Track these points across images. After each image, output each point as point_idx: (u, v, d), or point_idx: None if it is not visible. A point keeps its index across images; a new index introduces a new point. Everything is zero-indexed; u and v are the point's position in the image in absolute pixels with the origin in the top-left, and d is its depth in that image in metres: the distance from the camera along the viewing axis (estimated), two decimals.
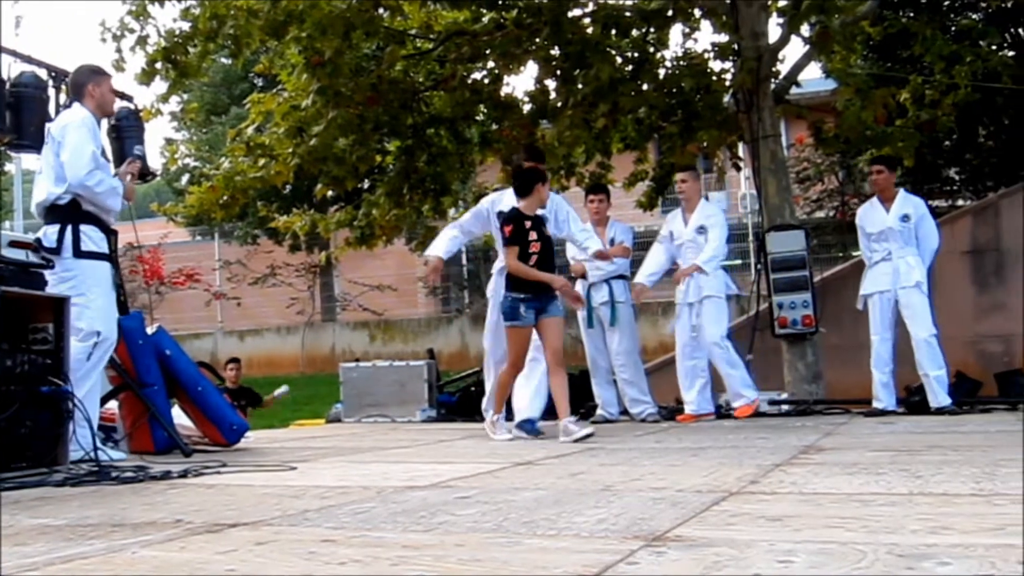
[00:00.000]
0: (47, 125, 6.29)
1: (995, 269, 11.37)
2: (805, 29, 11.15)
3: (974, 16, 14.45)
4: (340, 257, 14.40)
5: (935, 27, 12.31)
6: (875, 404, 8.54)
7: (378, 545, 2.87)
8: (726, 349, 8.66)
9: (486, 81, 11.85)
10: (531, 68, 11.63)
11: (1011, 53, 14.35)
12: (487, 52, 11.28)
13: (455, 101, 11.74)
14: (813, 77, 14.23)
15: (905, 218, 8.60)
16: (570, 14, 10.87)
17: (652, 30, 11.66)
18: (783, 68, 11.26)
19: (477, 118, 12.62)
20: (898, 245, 8.56)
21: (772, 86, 10.81)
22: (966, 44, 12.37)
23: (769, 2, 11.22)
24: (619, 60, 11.35)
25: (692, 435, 6.97)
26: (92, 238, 5.97)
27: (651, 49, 11.92)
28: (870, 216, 8.83)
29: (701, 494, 3.76)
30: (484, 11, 11.39)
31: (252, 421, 11.03)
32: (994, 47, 13.20)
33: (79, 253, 5.89)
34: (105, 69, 6.41)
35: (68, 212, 5.89)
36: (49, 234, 5.88)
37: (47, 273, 5.66)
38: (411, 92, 11.80)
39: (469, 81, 11.75)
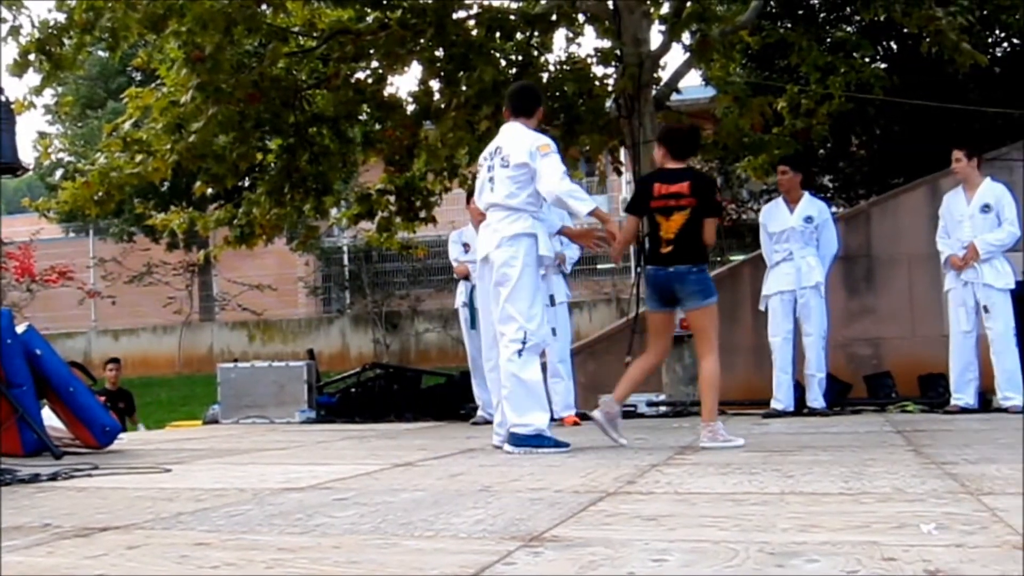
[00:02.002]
0: None
1: (865, 274, 11.68)
2: (686, 37, 11.34)
3: (848, 29, 14.82)
4: (219, 256, 14.19)
5: (811, 38, 12.61)
6: (774, 405, 8.70)
7: (253, 548, 2.84)
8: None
9: (369, 81, 11.78)
10: (415, 69, 11.60)
11: (883, 65, 14.76)
12: (371, 52, 11.21)
13: (338, 100, 11.65)
14: (693, 84, 14.45)
15: (808, 219, 8.81)
16: (455, 16, 10.87)
17: (536, 34, 11.72)
18: (664, 75, 11.42)
19: (360, 118, 12.54)
20: (799, 246, 8.76)
21: (653, 92, 10.96)
22: (840, 55, 12.70)
23: (651, 10, 11.37)
24: (503, 63, 11.39)
25: (571, 436, 7.01)
26: None
27: (535, 53, 11.98)
28: (774, 215, 9.00)
29: (578, 494, 3.80)
30: (368, 10, 11.32)
31: (128, 423, 10.85)
32: (867, 59, 13.56)
33: None
34: None
35: None
36: None
37: None
38: (293, 90, 11.67)
39: (352, 80, 11.67)
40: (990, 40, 15.05)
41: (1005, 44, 15.83)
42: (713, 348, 6.02)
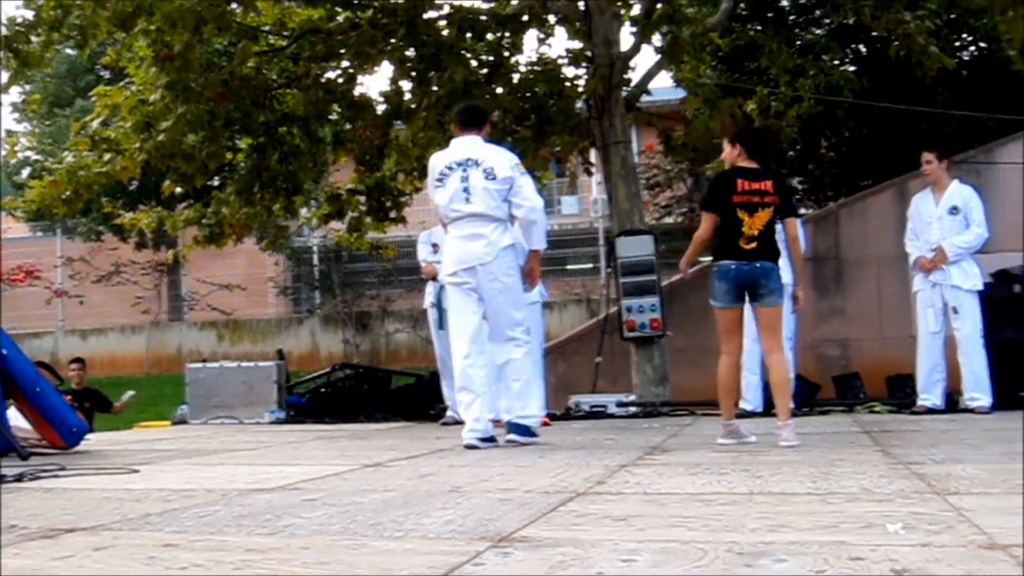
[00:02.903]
0: None
1: (834, 276, 11.75)
2: (656, 39, 11.37)
3: (818, 31, 14.91)
4: (188, 255, 14.11)
5: (781, 41, 12.69)
6: (743, 406, 8.72)
7: (221, 549, 2.83)
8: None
9: (340, 80, 11.74)
10: (386, 68, 11.56)
11: (852, 68, 14.86)
12: (341, 51, 11.18)
13: (308, 100, 11.60)
14: (663, 86, 14.50)
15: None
16: (426, 16, 10.86)
17: (507, 34, 11.72)
18: (634, 76, 11.46)
19: (330, 117, 12.49)
20: None
21: (623, 93, 10.98)
22: (810, 58, 12.79)
23: (622, 11, 11.40)
24: (474, 63, 11.38)
25: (541, 437, 7.02)
26: None
27: (506, 53, 11.98)
28: None
29: (548, 495, 3.80)
30: (339, 10, 11.28)
31: (96, 423, 10.75)
32: (836, 62, 13.65)
33: None
34: None
35: None
36: None
37: None
38: (263, 89, 11.62)
39: (323, 80, 11.63)
40: (957, 44, 15.17)
41: (972, 48, 15.96)
42: (782, 345, 6.23)
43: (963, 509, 3.18)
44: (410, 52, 11.06)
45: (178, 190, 12.41)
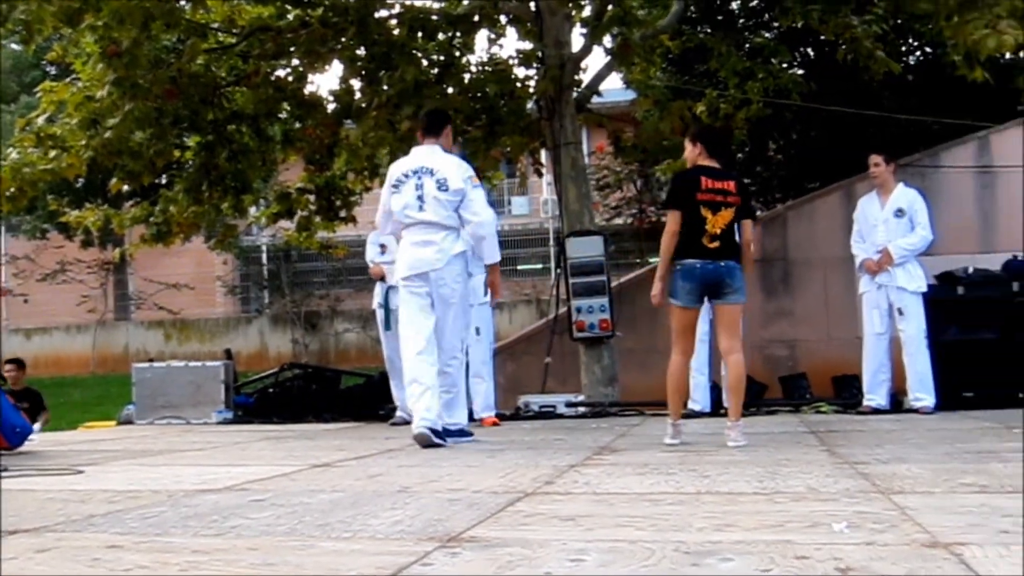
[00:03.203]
0: None
1: (782, 277, 11.85)
2: (607, 40, 11.40)
3: (767, 35, 15.00)
4: (135, 254, 13.99)
5: (730, 44, 12.76)
6: (691, 406, 8.77)
7: (167, 550, 2.80)
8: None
9: (290, 79, 11.68)
10: (336, 67, 11.53)
11: (800, 71, 14.98)
12: (291, 49, 11.12)
13: (258, 98, 11.53)
14: (614, 87, 14.53)
15: None
16: (377, 15, 10.82)
17: (458, 34, 11.71)
18: (585, 77, 11.48)
19: (280, 116, 12.42)
20: None
21: (574, 95, 11.01)
22: (759, 61, 12.87)
23: (573, 13, 11.42)
24: (425, 63, 11.36)
25: (490, 437, 7.04)
26: None
27: (457, 53, 11.97)
28: None
29: (497, 495, 3.80)
30: (289, 8, 11.22)
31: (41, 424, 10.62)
32: (784, 65, 13.75)
33: None
34: None
35: None
36: None
37: None
38: (212, 87, 11.53)
39: (272, 78, 11.56)
40: (904, 49, 15.35)
41: (918, 53, 16.15)
42: (740, 345, 6.15)
43: (907, 508, 3.22)
44: (361, 51, 11.02)
45: (125, 188, 12.27)
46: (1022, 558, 2.42)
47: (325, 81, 51.35)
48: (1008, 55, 10.54)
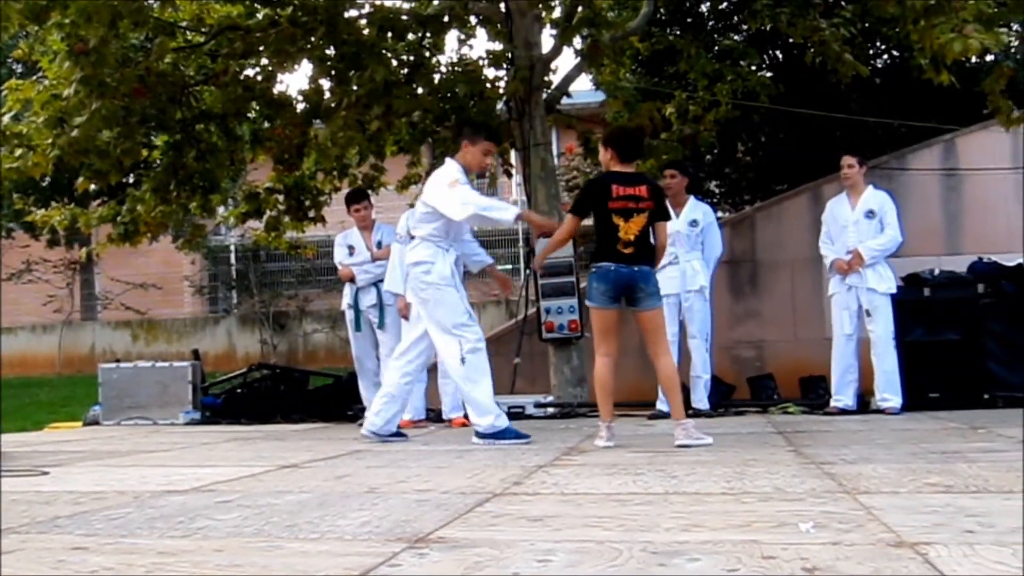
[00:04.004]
0: None
1: (750, 278, 11.90)
2: (577, 41, 11.42)
3: (736, 37, 15.06)
4: (101, 253, 13.89)
5: (699, 46, 12.82)
6: (659, 407, 8.79)
7: (132, 552, 2.79)
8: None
9: (259, 78, 11.62)
10: (305, 67, 11.46)
11: (769, 74, 15.05)
12: (261, 49, 11.05)
13: (226, 97, 11.46)
14: (583, 89, 14.56)
15: (694, 223, 8.94)
16: (346, 15, 10.78)
17: (428, 35, 11.70)
18: (555, 78, 11.48)
19: (249, 115, 12.35)
20: (685, 250, 8.87)
21: (544, 96, 11.01)
22: (728, 63, 12.93)
23: (543, 14, 11.43)
24: (394, 63, 11.34)
25: (459, 438, 7.04)
26: None
27: (427, 54, 11.96)
28: None
29: (465, 496, 3.80)
30: (258, 7, 11.18)
31: (4, 424, 10.52)
32: (753, 67, 13.81)
33: None
34: None
35: None
36: None
37: None
38: (181, 86, 11.46)
39: (241, 77, 11.50)
40: (871, 52, 15.43)
41: (886, 56, 16.26)
42: (668, 347, 6.24)
43: (872, 508, 3.24)
44: (330, 51, 10.98)
45: (92, 187, 12.18)
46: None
47: (294, 81, 51.47)
48: (974, 59, 10.62)
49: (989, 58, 13.05)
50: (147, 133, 11.84)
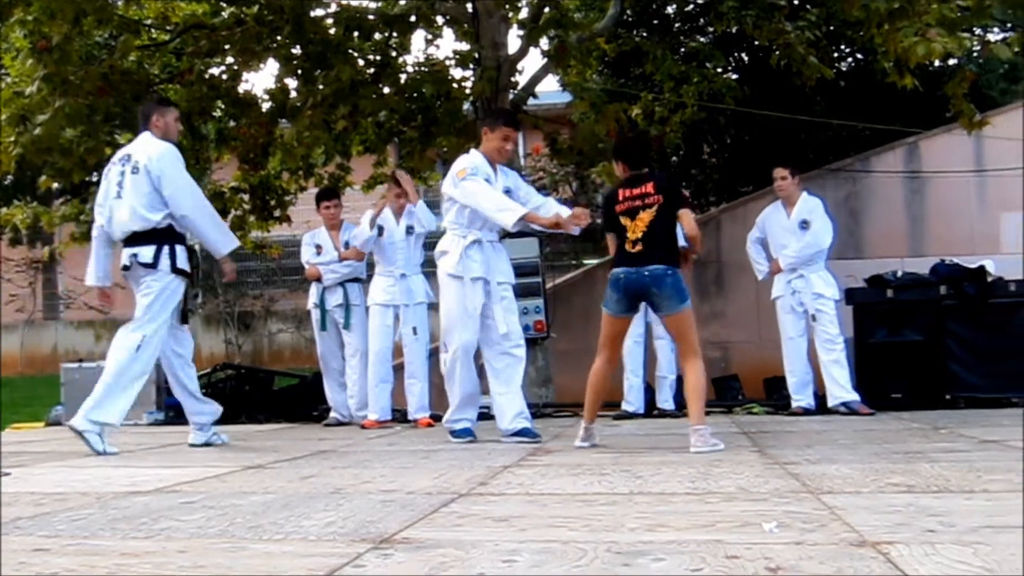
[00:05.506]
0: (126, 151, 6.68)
1: (715, 279, 11.97)
2: (543, 42, 11.44)
3: (702, 39, 15.14)
4: (64, 252, 13.77)
5: (666, 48, 12.87)
6: (625, 407, 8.82)
7: (95, 553, 2.77)
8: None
9: (224, 77, 11.57)
10: (271, 66, 11.45)
11: (734, 76, 15.13)
12: (226, 47, 11.02)
13: (191, 96, 11.41)
14: (550, 90, 14.59)
15: None
16: (312, 14, 10.76)
17: (395, 35, 11.69)
18: (521, 79, 11.50)
19: (214, 114, 12.31)
20: None
21: (510, 96, 11.02)
22: (694, 65, 13.00)
23: (509, 14, 11.45)
24: (361, 63, 11.33)
25: (425, 438, 7.03)
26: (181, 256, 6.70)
27: (393, 53, 11.95)
28: None
29: (431, 496, 3.80)
30: (224, 5, 11.14)
31: None
32: (719, 70, 13.89)
33: (177, 270, 6.65)
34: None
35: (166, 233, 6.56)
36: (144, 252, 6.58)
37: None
38: (145, 84, 11.39)
39: (207, 76, 11.45)
40: (836, 55, 15.56)
41: (850, 59, 16.39)
42: (696, 353, 5.86)
43: (835, 508, 3.26)
44: (296, 50, 10.96)
45: (55, 186, 12.10)
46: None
47: (260, 80, 51.14)
48: (937, 62, 10.72)
49: (952, 62, 13.19)
50: (111, 131, 11.74)
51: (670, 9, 15.76)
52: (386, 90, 11.46)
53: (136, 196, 6.47)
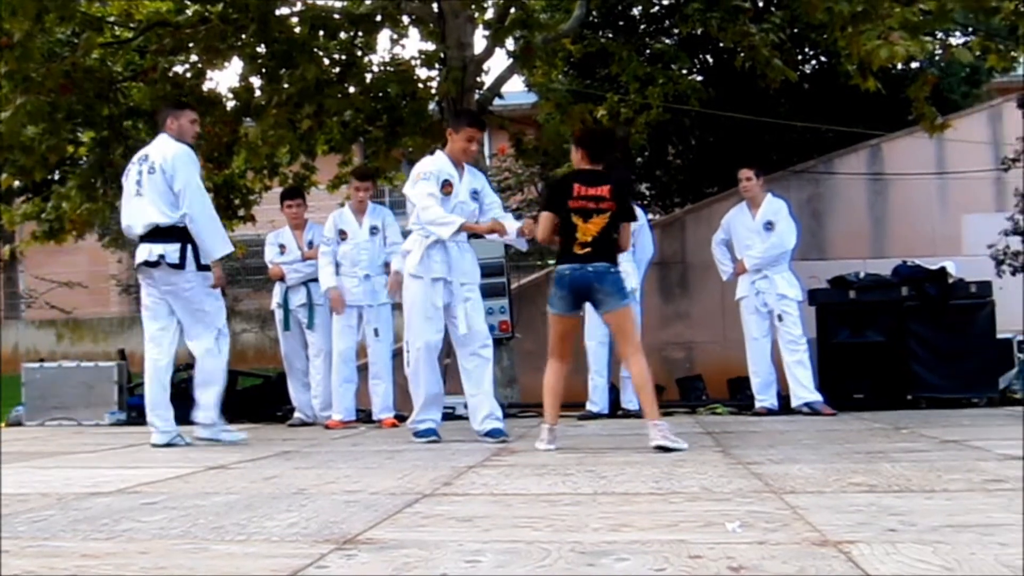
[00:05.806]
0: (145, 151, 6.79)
1: (679, 280, 12.01)
2: (509, 43, 11.46)
3: (667, 41, 15.19)
4: (26, 251, 13.67)
5: (631, 49, 12.91)
6: (589, 407, 8.82)
7: (55, 555, 2.75)
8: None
9: (188, 75, 11.51)
10: (236, 64, 11.38)
11: (699, 78, 15.19)
12: (190, 45, 10.96)
13: (155, 94, 11.33)
14: (516, 90, 14.61)
15: None
16: (278, 12, 10.72)
17: (360, 34, 11.67)
18: (487, 79, 11.51)
19: None
20: None
21: (476, 96, 11.02)
22: (659, 67, 13.04)
23: (475, 15, 11.44)
24: (326, 62, 11.30)
25: (389, 439, 7.02)
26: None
27: (359, 53, 11.93)
28: None
29: (395, 496, 3.79)
30: (188, 3, 11.09)
31: None
32: (684, 71, 13.95)
33: (201, 267, 6.86)
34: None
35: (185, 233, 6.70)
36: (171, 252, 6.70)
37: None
38: (108, 82, 11.31)
39: (170, 74, 11.38)
40: (800, 57, 15.64)
41: (814, 61, 16.48)
42: (637, 347, 5.93)
43: (798, 507, 3.28)
44: (261, 49, 10.91)
45: (16, 183, 12.00)
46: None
47: (224, 78, 51.12)
48: (899, 66, 10.80)
49: (914, 65, 13.29)
50: (73, 129, 11.67)
51: (636, 11, 15.79)
52: (351, 89, 11.43)
53: (154, 194, 6.64)
